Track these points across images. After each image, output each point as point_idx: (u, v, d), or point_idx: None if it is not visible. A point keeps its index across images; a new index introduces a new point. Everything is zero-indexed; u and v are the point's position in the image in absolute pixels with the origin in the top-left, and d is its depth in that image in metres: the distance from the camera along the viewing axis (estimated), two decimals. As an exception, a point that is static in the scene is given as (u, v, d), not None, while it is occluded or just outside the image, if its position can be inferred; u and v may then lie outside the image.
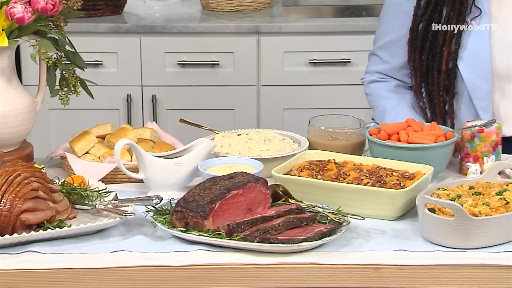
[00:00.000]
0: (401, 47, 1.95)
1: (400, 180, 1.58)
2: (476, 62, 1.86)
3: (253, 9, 3.16)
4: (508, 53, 1.87)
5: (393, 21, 1.96)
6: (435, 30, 1.89)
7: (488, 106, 1.87)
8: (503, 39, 1.87)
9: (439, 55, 1.88)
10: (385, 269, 1.39)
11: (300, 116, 2.79)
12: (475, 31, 1.87)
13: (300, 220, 1.47)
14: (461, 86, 1.89)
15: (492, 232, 1.42)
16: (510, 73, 1.87)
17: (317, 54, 2.96)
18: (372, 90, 2.03)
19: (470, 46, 1.87)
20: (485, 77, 1.86)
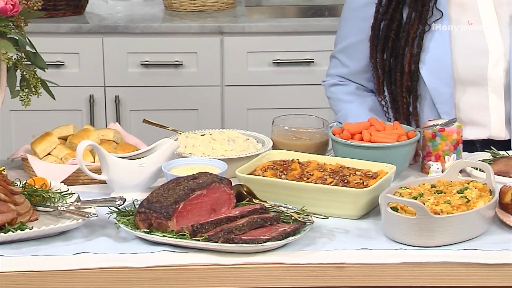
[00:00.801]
0: (360, 51, 1.96)
1: (363, 179, 1.59)
2: (438, 67, 1.88)
3: (216, 9, 3.16)
4: (469, 57, 1.89)
5: (352, 26, 1.97)
6: (397, 29, 1.90)
7: (450, 109, 1.89)
8: (464, 43, 1.89)
9: (402, 57, 1.89)
10: (348, 268, 1.40)
11: (264, 116, 2.79)
12: (437, 34, 1.88)
13: (264, 220, 1.47)
14: (424, 89, 1.90)
15: (453, 230, 1.43)
16: (471, 77, 1.89)
17: (281, 54, 2.97)
18: (333, 94, 2.04)
19: (432, 49, 1.88)
20: (446, 82, 1.88)
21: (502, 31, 1.89)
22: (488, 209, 1.48)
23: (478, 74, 1.88)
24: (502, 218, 1.51)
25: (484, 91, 1.90)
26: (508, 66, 1.88)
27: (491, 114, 1.90)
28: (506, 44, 1.88)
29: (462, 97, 1.90)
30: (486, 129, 1.91)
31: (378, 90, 1.96)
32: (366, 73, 1.99)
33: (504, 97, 1.89)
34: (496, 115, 1.90)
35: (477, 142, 1.94)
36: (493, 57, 1.88)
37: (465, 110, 1.91)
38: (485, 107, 1.90)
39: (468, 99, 1.90)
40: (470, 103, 1.90)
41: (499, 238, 1.46)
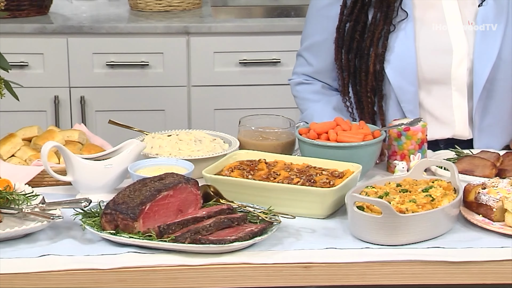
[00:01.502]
0: (325, 50, 1.97)
1: (329, 178, 1.60)
2: (402, 65, 1.89)
3: (182, 9, 3.15)
4: (433, 56, 1.90)
5: (317, 25, 1.98)
6: (362, 30, 1.91)
7: (415, 108, 1.91)
8: (428, 42, 1.91)
9: (367, 57, 1.91)
10: (315, 267, 1.41)
11: (231, 116, 2.79)
12: (402, 34, 1.90)
13: (231, 220, 1.47)
14: (389, 88, 1.92)
15: (419, 229, 1.45)
16: (436, 76, 1.91)
17: (247, 54, 2.97)
18: (299, 93, 2.05)
19: (397, 49, 1.90)
20: (411, 81, 1.89)
21: (466, 31, 1.91)
22: (452, 207, 1.50)
23: (442, 73, 1.90)
24: (467, 216, 1.53)
25: (448, 90, 1.92)
26: (471, 66, 1.90)
27: (455, 113, 1.92)
28: (470, 44, 1.90)
29: (426, 96, 1.92)
30: (450, 127, 1.93)
31: (343, 92, 1.97)
32: (331, 71, 2.00)
33: (468, 96, 1.92)
34: (460, 114, 1.93)
35: (441, 142, 1.96)
36: (457, 56, 1.90)
37: (429, 109, 1.93)
38: (449, 106, 1.92)
39: (433, 98, 1.92)
40: (435, 102, 1.92)
41: (463, 236, 1.48)
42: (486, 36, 1.88)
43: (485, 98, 1.90)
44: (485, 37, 1.88)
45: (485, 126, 1.91)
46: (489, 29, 1.88)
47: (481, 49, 1.88)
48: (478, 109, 1.90)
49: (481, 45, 1.88)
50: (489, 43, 1.88)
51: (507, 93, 1.91)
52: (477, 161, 1.73)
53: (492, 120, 1.91)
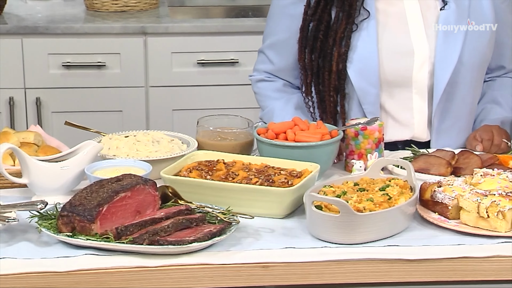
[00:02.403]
0: (287, 49, 1.98)
1: (288, 178, 1.60)
2: (365, 67, 1.90)
3: (139, 9, 3.13)
4: (395, 58, 1.91)
5: (279, 23, 1.98)
6: (326, 30, 1.92)
7: (376, 110, 1.92)
8: (390, 45, 1.92)
9: (330, 56, 1.91)
10: (274, 267, 1.41)
11: (189, 116, 2.78)
12: (364, 34, 1.91)
13: (189, 221, 1.47)
14: (351, 88, 1.93)
15: (376, 227, 1.46)
16: (397, 79, 1.92)
17: (205, 54, 2.97)
18: (260, 90, 2.05)
19: (359, 48, 1.91)
20: (373, 82, 1.90)
21: (427, 34, 1.92)
22: (409, 206, 1.51)
23: (403, 76, 1.92)
24: (423, 214, 1.55)
25: (409, 93, 1.93)
26: (432, 69, 1.91)
27: (415, 115, 1.94)
28: (431, 47, 1.91)
29: (387, 98, 1.93)
30: (410, 130, 1.95)
31: (306, 91, 1.97)
32: (293, 70, 2.00)
33: (428, 99, 1.93)
34: (419, 117, 1.94)
35: (399, 143, 1.97)
36: (419, 59, 1.91)
37: (390, 111, 1.94)
38: (409, 109, 1.93)
39: (394, 100, 1.93)
40: (395, 104, 1.94)
41: (419, 234, 1.50)
42: (447, 40, 1.89)
43: (444, 101, 1.92)
44: (446, 40, 1.89)
45: (443, 129, 1.93)
46: (451, 33, 1.90)
47: (442, 52, 1.89)
48: (438, 111, 1.92)
49: (443, 48, 1.89)
50: (450, 47, 1.89)
51: (466, 96, 1.93)
52: (433, 160, 1.75)
53: (450, 123, 1.93)
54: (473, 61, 1.90)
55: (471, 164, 1.73)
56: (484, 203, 1.48)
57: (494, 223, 1.47)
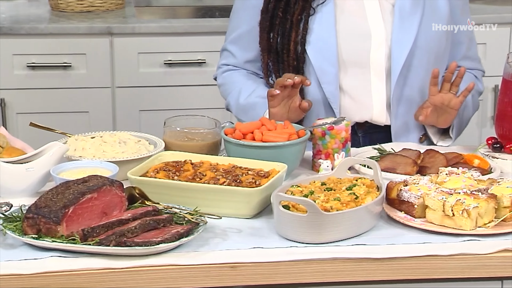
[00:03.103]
0: (251, 40, 1.99)
1: (255, 178, 1.60)
2: (323, 47, 1.93)
3: (105, 9, 3.11)
4: (353, 39, 1.94)
5: (243, 15, 2.00)
6: (285, 8, 1.93)
7: (335, 90, 1.94)
8: (347, 27, 1.95)
9: (288, 38, 1.93)
10: (241, 267, 1.41)
11: (156, 117, 2.77)
12: (321, 18, 1.93)
13: (157, 222, 1.46)
14: (311, 70, 1.94)
15: (343, 227, 1.47)
16: (355, 59, 1.95)
17: (172, 55, 2.96)
18: (226, 79, 2.05)
19: (317, 31, 1.93)
20: (331, 62, 1.93)
21: (384, 18, 1.95)
22: (375, 205, 1.52)
23: (361, 56, 1.94)
24: (389, 213, 1.56)
25: (367, 74, 1.96)
26: (389, 51, 1.94)
27: (373, 96, 1.96)
28: (388, 30, 1.94)
29: (346, 78, 1.95)
30: (369, 111, 1.97)
31: (264, 73, 1.98)
32: (257, 62, 2.02)
33: (386, 81, 1.96)
34: (378, 98, 1.97)
35: (359, 130, 1.99)
36: (376, 41, 1.94)
37: (349, 91, 1.96)
38: (368, 90, 1.96)
39: (352, 80, 1.96)
40: (354, 84, 1.96)
41: (386, 233, 1.51)
42: (403, 23, 1.93)
43: (401, 84, 1.95)
44: (402, 24, 1.93)
45: (401, 113, 1.96)
46: (406, 16, 1.93)
47: (399, 35, 1.93)
48: (395, 94, 1.95)
49: (399, 31, 1.93)
50: (406, 30, 1.93)
51: (421, 80, 1.97)
52: (399, 159, 1.77)
53: (408, 107, 1.96)
54: (428, 46, 1.94)
55: (436, 163, 1.75)
56: (449, 201, 1.49)
57: (459, 221, 1.48)
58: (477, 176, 1.60)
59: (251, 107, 1.94)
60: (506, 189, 1.54)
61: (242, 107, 1.98)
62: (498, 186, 1.56)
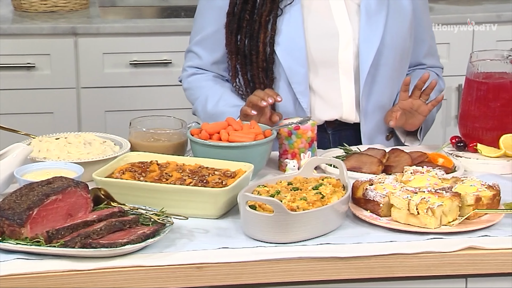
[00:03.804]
0: (216, 41, 1.98)
1: (222, 178, 1.60)
2: (292, 47, 1.94)
3: (69, 10, 3.08)
4: (321, 39, 1.95)
5: (208, 16, 1.99)
6: (252, 10, 1.94)
7: (305, 89, 1.95)
8: (315, 27, 1.95)
9: (256, 39, 1.93)
10: (208, 268, 1.41)
11: (122, 118, 2.76)
12: (289, 18, 1.94)
13: (122, 223, 1.45)
14: (280, 70, 1.95)
15: (309, 226, 1.47)
16: (324, 59, 1.96)
17: (138, 55, 2.94)
18: (191, 83, 2.04)
19: (285, 32, 1.94)
20: (301, 62, 1.94)
21: (350, 17, 1.97)
22: (341, 204, 1.53)
23: (329, 56, 1.96)
24: (355, 212, 1.57)
25: (336, 73, 1.97)
26: (357, 50, 1.96)
27: (342, 95, 1.98)
28: (355, 29, 1.96)
29: (315, 77, 1.96)
30: (338, 110, 1.98)
31: (232, 76, 1.98)
32: (223, 63, 2.01)
33: (354, 80, 1.97)
34: (347, 97, 1.98)
35: (329, 128, 2.00)
36: (343, 40, 1.96)
37: (318, 91, 1.97)
38: (337, 89, 1.97)
39: (321, 80, 1.97)
40: (323, 84, 1.97)
41: (352, 232, 1.51)
42: (369, 22, 1.95)
43: (370, 82, 1.96)
44: (369, 23, 1.95)
45: (370, 111, 1.98)
46: (372, 16, 1.95)
47: (365, 34, 1.95)
48: (364, 93, 1.97)
49: (365, 30, 1.95)
50: (373, 29, 1.95)
51: (389, 78, 1.99)
52: (365, 158, 1.78)
53: (376, 105, 1.98)
54: (395, 44, 1.97)
55: (401, 162, 1.76)
56: (414, 200, 1.51)
57: (424, 219, 1.50)
58: (442, 175, 1.62)
59: (219, 116, 1.94)
60: (469, 187, 1.56)
61: (210, 115, 1.97)
62: (462, 185, 1.57)
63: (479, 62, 1.83)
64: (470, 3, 3.08)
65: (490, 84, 1.82)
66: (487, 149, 1.81)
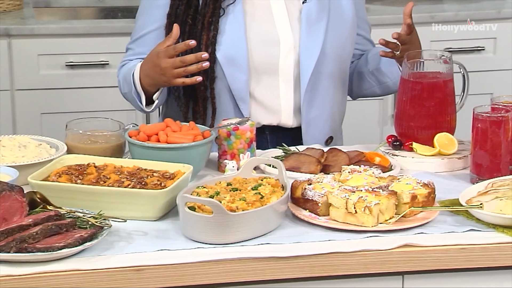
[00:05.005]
0: (155, 39, 1.96)
1: (160, 180, 1.59)
2: (234, 54, 1.94)
3: (2, 10, 3.02)
4: (262, 46, 1.96)
5: (149, 15, 1.98)
6: (194, 14, 1.93)
7: (246, 96, 1.96)
8: (257, 34, 1.96)
9: (199, 40, 1.93)
10: (147, 270, 1.40)
11: (59, 120, 2.72)
12: (232, 18, 1.94)
13: (59, 227, 1.43)
14: (222, 75, 1.95)
15: (249, 226, 1.47)
16: (265, 66, 1.97)
17: (74, 56, 2.91)
18: (122, 71, 1.98)
19: (228, 33, 1.94)
20: (242, 69, 1.94)
21: (292, 25, 1.98)
22: (281, 204, 1.54)
23: (270, 63, 1.97)
24: (294, 212, 1.58)
25: (276, 80, 1.98)
26: (297, 58, 1.97)
27: (281, 102, 1.99)
28: (296, 37, 1.97)
29: (256, 84, 1.97)
30: (277, 116, 2.00)
31: None
32: None
33: (294, 88, 1.98)
34: (286, 104, 1.99)
35: (267, 129, 2.01)
36: (284, 48, 1.97)
37: (258, 97, 1.98)
38: (276, 96, 1.99)
39: (262, 87, 1.98)
40: (264, 90, 1.98)
41: (291, 231, 1.52)
42: (310, 31, 1.97)
43: (310, 90, 1.98)
44: (309, 32, 1.97)
45: (311, 117, 2.00)
46: (313, 24, 1.97)
47: (306, 43, 1.96)
48: (305, 100, 1.98)
49: (306, 39, 1.96)
50: (313, 38, 1.97)
51: (330, 86, 2.01)
52: (303, 158, 1.79)
53: (317, 112, 2.00)
54: (335, 52, 1.99)
55: (339, 162, 1.78)
56: (351, 199, 1.52)
57: (362, 218, 1.52)
58: (378, 174, 1.64)
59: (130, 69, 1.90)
60: (405, 185, 1.58)
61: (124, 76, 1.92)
62: (398, 183, 1.60)
63: (414, 62, 1.86)
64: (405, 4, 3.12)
65: (425, 83, 1.86)
66: (422, 148, 1.85)
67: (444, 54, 1.88)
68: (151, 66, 1.85)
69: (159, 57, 1.82)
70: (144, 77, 1.88)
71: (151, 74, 1.86)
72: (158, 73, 1.83)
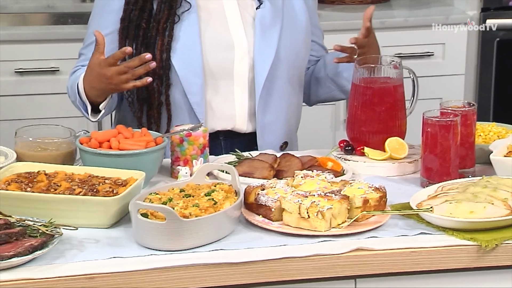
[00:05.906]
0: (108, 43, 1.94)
1: (112, 187, 1.58)
2: (188, 58, 1.94)
3: (-50, 16, 2.97)
4: (217, 51, 1.96)
5: (102, 20, 1.97)
6: (148, 18, 1.93)
7: (201, 101, 1.95)
8: (211, 38, 1.96)
9: (153, 45, 1.92)
10: (99, 278, 1.38)
11: (9, 127, 2.68)
12: (186, 25, 1.94)
13: (9, 236, 1.41)
14: (176, 79, 1.94)
15: (202, 232, 1.47)
16: (220, 70, 1.97)
17: (23, 63, 2.87)
18: (72, 77, 1.96)
19: (182, 39, 1.94)
20: (197, 73, 1.94)
21: (246, 31, 1.99)
22: (234, 209, 1.54)
23: (225, 68, 1.97)
24: (248, 217, 1.58)
25: (231, 85, 1.98)
26: (252, 63, 1.98)
27: (236, 107, 1.99)
28: (250, 42, 1.98)
29: (211, 89, 1.97)
30: (231, 121, 2.00)
31: None
32: None
33: (249, 93, 1.99)
34: (240, 109, 2.00)
35: (221, 135, 2.01)
36: (238, 53, 1.97)
37: (213, 102, 1.98)
38: (231, 101, 1.99)
39: (217, 91, 1.98)
40: (218, 95, 1.98)
41: (245, 237, 1.52)
42: (264, 37, 1.98)
43: (265, 95, 1.99)
44: (263, 37, 1.97)
45: (266, 123, 2.00)
46: (267, 30, 1.98)
47: (260, 48, 1.97)
48: (260, 105, 1.99)
49: (260, 44, 1.97)
50: (267, 43, 1.98)
51: (284, 92, 2.02)
52: (256, 164, 1.80)
53: (272, 117, 2.01)
54: (288, 58, 2.00)
55: (292, 167, 1.79)
56: (304, 204, 1.53)
57: (314, 222, 1.52)
58: (331, 178, 1.65)
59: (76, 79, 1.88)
60: (357, 190, 1.60)
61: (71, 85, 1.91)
62: (350, 187, 1.61)
63: (364, 68, 1.88)
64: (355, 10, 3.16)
65: (375, 88, 1.88)
66: (374, 152, 1.87)
67: (394, 60, 1.90)
68: (96, 76, 1.83)
69: (102, 67, 1.80)
70: (90, 89, 1.86)
71: (96, 85, 1.84)
72: (105, 82, 1.82)
